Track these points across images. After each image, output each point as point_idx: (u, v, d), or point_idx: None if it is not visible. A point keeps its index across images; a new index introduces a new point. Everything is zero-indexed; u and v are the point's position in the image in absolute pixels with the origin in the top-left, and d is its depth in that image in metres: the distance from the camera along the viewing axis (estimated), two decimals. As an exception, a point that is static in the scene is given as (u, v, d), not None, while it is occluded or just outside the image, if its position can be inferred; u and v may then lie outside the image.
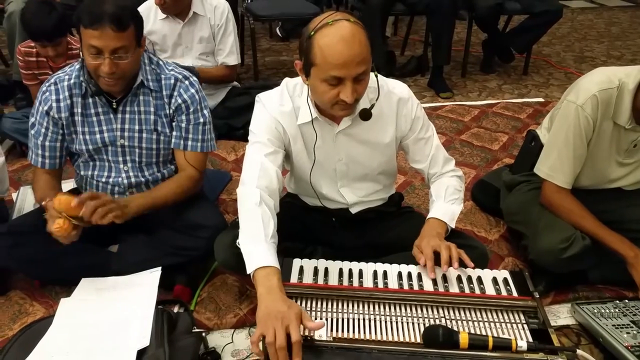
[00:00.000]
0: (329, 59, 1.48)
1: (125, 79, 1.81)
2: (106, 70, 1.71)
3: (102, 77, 1.75)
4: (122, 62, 1.73)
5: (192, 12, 2.97)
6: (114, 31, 1.67)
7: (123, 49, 1.71)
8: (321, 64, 1.49)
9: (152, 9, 2.95)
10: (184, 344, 1.57)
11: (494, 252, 2.21)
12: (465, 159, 3.00)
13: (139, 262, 1.90)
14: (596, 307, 1.82)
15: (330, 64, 1.48)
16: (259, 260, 1.43)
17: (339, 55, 1.47)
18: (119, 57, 1.72)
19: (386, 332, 1.44)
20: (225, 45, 3.10)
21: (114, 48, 1.69)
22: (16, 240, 1.82)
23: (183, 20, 2.97)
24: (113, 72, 1.73)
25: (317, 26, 1.50)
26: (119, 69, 1.74)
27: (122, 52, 1.72)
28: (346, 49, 1.46)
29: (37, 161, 1.92)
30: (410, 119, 1.77)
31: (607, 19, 6.36)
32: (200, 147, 1.95)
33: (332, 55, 1.47)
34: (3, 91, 3.48)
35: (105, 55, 1.70)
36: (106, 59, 1.70)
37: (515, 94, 3.99)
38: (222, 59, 3.13)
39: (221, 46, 3.11)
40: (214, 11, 3.03)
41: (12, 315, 1.87)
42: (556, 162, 1.91)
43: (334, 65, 1.48)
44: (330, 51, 1.47)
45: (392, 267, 1.67)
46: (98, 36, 1.67)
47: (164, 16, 2.95)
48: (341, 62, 1.47)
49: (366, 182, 1.88)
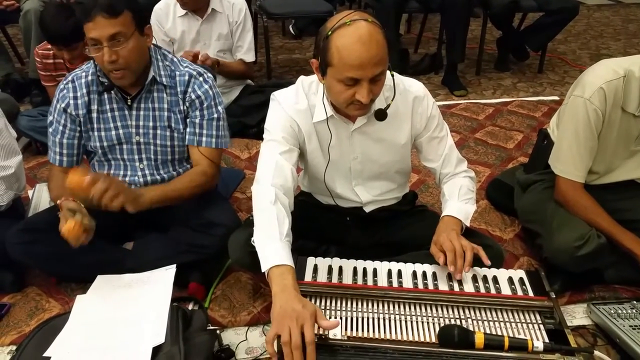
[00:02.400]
0: (345, 59, 1.47)
1: (132, 69, 1.80)
2: (106, 59, 1.72)
3: (109, 71, 1.76)
4: (122, 49, 1.73)
5: (211, 8, 3.00)
6: (106, 18, 1.68)
7: (120, 34, 1.71)
8: (338, 64, 1.49)
9: (170, 6, 2.98)
10: (198, 341, 1.58)
11: (509, 251, 2.19)
12: (479, 157, 2.98)
13: (154, 259, 1.91)
14: (613, 307, 1.80)
15: (346, 65, 1.47)
16: (274, 259, 1.43)
17: (356, 56, 1.45)
18: (117, 42, 1.71)
19: (401, 331, 1.44)
20: (244, 42, 3.14)
21: (110, 34, 1.70)
22: (32, 237, 1.84)
23: (202, 17, 3.00)
24: (114, 60, 1.73)
25: (334, 26, 1.49)
26: (120, 57, 1.74)
27: (120, 38, 1.71)
28: (363, 50, 1.45)
29: (54, 159, 1.94)
30: (425, 117, 1.76)
31: (623, 16, 6.29)
32: (215, 142, 1.95)
33: (349, 56, 1.46)
34: (19, 89, 3.52)
35: (104, 44, 1.70)
36: (105, 48, 1.71)
37: (530, 92, 3.96)
38: (240, 55, 3.16)
39: (240, 43, 3.15)
40: (232, 8, 3.06)
41: (28, 312, 1.89)
42: (568, 157, 1.90)
43: (351, 66, 1.47)
44: (347, 52, 1.46)
45: (407, 266, 1.67)
46: (93, 27, 1.69)
47: (182, 13, 2.97)
48: (358, 64, 1.46)
49: (380, 180, 1.87)
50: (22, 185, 2.09)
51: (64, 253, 1.81)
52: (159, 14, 2.98)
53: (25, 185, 2.16)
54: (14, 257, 1.85)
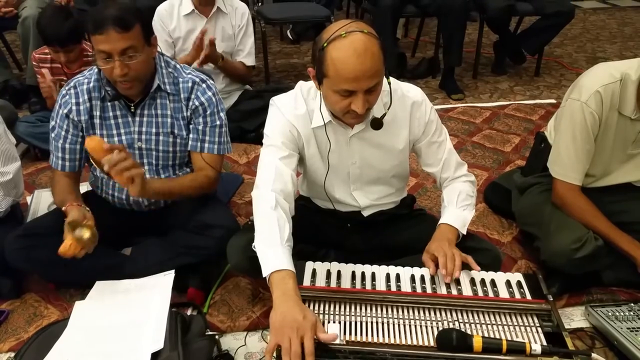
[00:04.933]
0: (340, 72, 1.47)
1: (140, 80, 1.82)
2: (118, 72, 1.72)
3: (118, 82, 1.77)
4: (133, 63, 1.74)
5: (216, 7, 3.03)
6: (119, 32, 1.68)
7: (131, 48, 1.72)
8: (333, 76, 1.49)
9: (175, 6, 3.01)
10: (197, 347, 1.58)
11: (507, 254, 2.20)
12: (477, 160, 2.99)
13: (152, 263, 1.92)
14: (610, 309, 1.81)
15: (341, 77, 1.48)
16: (275, 264, 1.44)
17: (350, 69, 1.46)
18: (129, 57, 1.73)
19: (399, 335, 1.44)
20: (245, 46, 3.18)
21: (122, 49, 1.70)
22: (31, 242, 1.84)
23: (207, 15, 3.02)
24: (125, 73, 1.74)
25: (330, 37, 1.48)
26: (131, 70, 1.75)
27: (131, 52, 1.73)
28: (358, 63, 1.45)
29: (57, 164, 1.94)
30: (423, 122, 1.77)
31: (619, 19, 6.32)
32: (217, 149, 1.96)
33: (344, 69, 1.46)
34: (17, 95, 3.52)
35: (115, 58, 1.71)
36: (116, 62, 1.71)
37: (527, 96, 3.97)
38: (241, 58, 3.19)
39: (241, 47, 3.18)
40: (235, 12, 3.11)
41: (27, 318, 1.88)
42: (565, 160, 1.91)
43: (346, 79, 1.47)
44: (342, 65, 1.46)
45: (405, 269, 1.67)
46: (104, 40, 1.69)
47: (187, 11, 3.00)
48: (352, 77, 1.47)
49: (379, 185, 1.88)
50: (20, 191, 2.09)
51: (62, 259, 1.80)
52: (163, 14, 3.00)
53: (24, 191, 2.17)
54: (12, 262, 1.85)
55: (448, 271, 1.58)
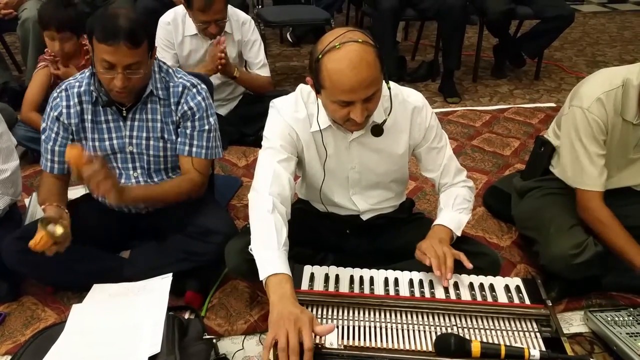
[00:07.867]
0: (336, 84, 1.47)
1: (137, 91, 1.83)
2: (119, 84, 1.72)
3: (115, 91, 1.76)
4: (135, 77, 1.74)
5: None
6: (129, 48, 1.67)
7: (136, 64, 1.72)
8: (329, 88, 1.49)
9: (179, 24, 2.91)
10: (194, 351, 1.57)
11: (506, 258, 2.19)
12: (476, 164, 2.99)
13: (151, 267, 1.91)
14: (610, 314, 1.80)
15: (338, 89, 1.47)
16: (271, 267, 1.43)
17: (346, 81, 1.45)
18: (132, 72, 1.73)
19: (397, 340, 1.43)
20: (258, 58, 3.09)
21: (128, 64, 1.70)
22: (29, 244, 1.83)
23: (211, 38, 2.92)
24: (125, 86, 1.74)
25: (325, 49, 1.48)
26: (131, 83, 1.75)
27: (136, 68, 1.73)
28: (353, 75, 1.44)
29: (46, 166, 1.94)
30: (424, 127, 1.76)
31: (619, 23, 6.32)
32: (204, 154, 1.95)
33: (339, 81, 1.46)
34: (16, 98, 3.51)
35: (119, 71, 1.71)
36: (119, 74, 1.71)
37: (527, 99, 3.97)
38: (256, 70, 3.11)
39: (253, 60, 3.10)
40: (241, 28, 3.02)
41: (24, 321, 1.88)
42: (577, 168, 1.89)
43: (342, 90, 1.47)
44: (337, 77, 1.46)
45: (404, 274, 1.67)
46: (112, 52, 1.67)
47: (192, 33, 2.90)
48: (348, 88, 1.46)
49: (378, 189, 1.87)
50: (17, 191, 2.08)
51: (60, 261, 1.80)
52: (169, 30, 2.90)
53: (21, 191, 2.16)
54: (10, 265, 1.84)
55: (443, 274, 1.58)
